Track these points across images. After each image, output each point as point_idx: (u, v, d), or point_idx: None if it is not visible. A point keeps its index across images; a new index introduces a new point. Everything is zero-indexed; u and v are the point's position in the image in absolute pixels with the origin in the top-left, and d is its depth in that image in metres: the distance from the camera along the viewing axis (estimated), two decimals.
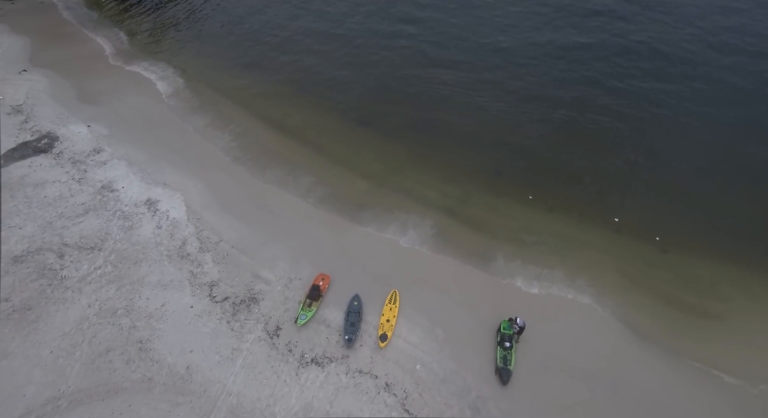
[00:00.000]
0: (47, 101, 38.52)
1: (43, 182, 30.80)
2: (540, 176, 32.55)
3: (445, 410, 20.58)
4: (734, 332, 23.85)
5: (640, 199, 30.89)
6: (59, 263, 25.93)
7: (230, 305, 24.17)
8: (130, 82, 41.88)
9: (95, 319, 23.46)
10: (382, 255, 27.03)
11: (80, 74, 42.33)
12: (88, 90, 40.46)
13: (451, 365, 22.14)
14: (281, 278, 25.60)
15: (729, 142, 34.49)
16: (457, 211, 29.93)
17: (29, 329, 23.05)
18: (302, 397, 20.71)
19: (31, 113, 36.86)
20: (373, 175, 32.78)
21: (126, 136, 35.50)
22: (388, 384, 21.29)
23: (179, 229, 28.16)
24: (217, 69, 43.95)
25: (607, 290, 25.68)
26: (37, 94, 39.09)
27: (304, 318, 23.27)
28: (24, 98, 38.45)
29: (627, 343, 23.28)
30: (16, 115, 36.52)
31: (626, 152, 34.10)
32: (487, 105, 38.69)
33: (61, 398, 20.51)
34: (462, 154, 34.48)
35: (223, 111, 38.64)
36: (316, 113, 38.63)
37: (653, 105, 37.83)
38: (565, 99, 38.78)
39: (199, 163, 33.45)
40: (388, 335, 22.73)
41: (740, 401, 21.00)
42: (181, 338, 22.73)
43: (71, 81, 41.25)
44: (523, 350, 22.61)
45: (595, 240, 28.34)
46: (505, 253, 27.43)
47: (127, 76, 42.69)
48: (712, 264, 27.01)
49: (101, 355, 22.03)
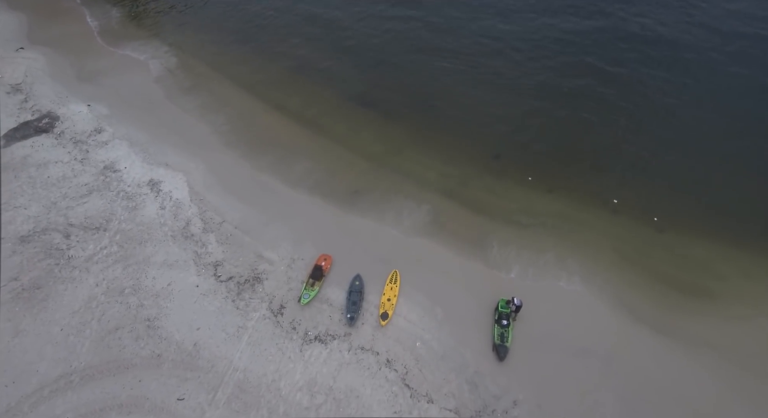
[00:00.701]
0: (46, 80, 38.32)
1: (46, 163, 30.99)
2: (539, 158, 32.86)
3: (443, 385, 21.38)
4: (727, 310, 24.59)
5: (639, 180, 31.29)
6: (66, 243, 26.37)
7: (235, 285, 24.75)
8: (129, 61, 41.52)
9: (103, 298, 24.05)
10: (382, 236, 27.53)
11: (78, 52, 41.92)
12: (86, 69, 40.19)
13: (450, 342, 22.88)
14: (284, 258, 26.13)
15: (728, 124, 34.76)
16: (456, 192, 30.31)
17: (39, 307, 23.64)
18: (306, 372, 21.47)
19: (30, 92, 36.74)
20: (373, 156, 33.00)
21: (126, 116, 35.50)
22: (389, 360, 22.04)
23: (182, 209, 28.53)
24: (217, 50, 43.47)
25: (603, 269, 26.30)
26: (35, 73, 38.86)
27: (307, 297, 23.89)
28: (23, 77, 38.25)
29: (621, 320, 24.00)
30: (16, 95, 36.41)
31: (626, 134, 34.35)
32: (488, 86, 38.68)
33: (73, 374, 21.24)
34: (462, 135, 34.68)
35: (223, 92, 38.52)
36: (316, 94, 38.56)
37: (653, 88, 37.93)
38: (565, 81, 38.79)
39: (199, 144, 33.59)
40: (389, 314, 23.40)
41: (731, 377, 21.79)
42: (187, 316, 23.37)
43: (70, 59, 40.90)
44: (519, 327, 23.33)
45: (593, 221, 28.86)
46: (504, 234, 27.93)
47: (125, 55, 42.25)
48: (708, 243, 27.63)
49: (110, 332, 22.68)
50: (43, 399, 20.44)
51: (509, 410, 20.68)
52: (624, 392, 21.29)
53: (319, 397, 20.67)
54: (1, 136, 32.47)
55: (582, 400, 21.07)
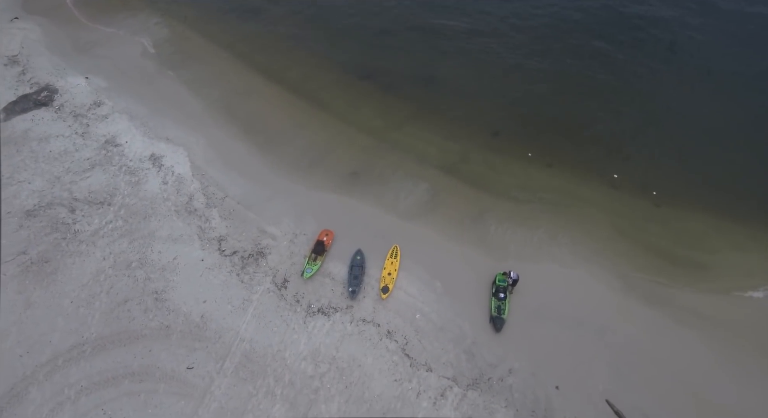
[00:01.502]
0: (43, 52, 37.87)
1: (47, 137, 31.04)
2: (539, 133, 33.12)
3: (442, 354, 22.28)
4: (719, 282, 25.41)
5: (640, 155, 31.67)
6: (71, 218, 26.77)
7: (239, 259, 25.33)
8: (126, 31, 40.96)
9: (111, 271, 24.64)
10: (383, 212, 28.00)
11: (74, 22, 41.29)
12: (83, 39, 39.67)
13: (448, 314, 23.68)
14: (287, 233, 26.64)
15: (728, 96, 34.98)
16: (456, 168, 30.65)
17: (48, 280, 24.23)
18: (310, 343, 22.31)
19: (27, 64, 36.38)
20: (373, 131, 33.13)
21: (125, 89, 35.32)
22: (389, 332, 22.87)
23: (185, 184, 28.83)
24: (216, 20, 42.87)
25: (599, 243, 26.98)
26: (31, 44, 38.36)
27: (310, 271, 24.52)
28: (19, 48, 37.78)
29: (615, 293, 24.83)
30: (13, 66, 36.07)
31: (628, 108, 34.48)
32: (488, 58, 38.50)
33: (85, 344, 22.02)
34: (462, 109, 34.77)
35: (221, 65, 38.24)
36: (315, 67, 38.33)
37: (655, 62, 37.88)
38: (567, 57, 38.68)
39: (198, 118, 33.61)
40: (389, 287, 24.10)
41: (721, 347, 22.71)
42: (194, 289, 24.03)
43: (66, 30, 40.33)
44: (516, 300, 24.11)
45: (591, 195, 29.38)
46: (503, 209, 28.43)
47: (123, 25, 41.63)
48: (703, 217, 28.30)
49: (119, 305, 23.37)
50: (57, 368, 21.26)
51: (504, 377, 21.63)
52: (616, 362, 22.23)
53: (323, 366, 21.56)
54: (1, 110, 32.35)
55: (575, 369, 22.01)
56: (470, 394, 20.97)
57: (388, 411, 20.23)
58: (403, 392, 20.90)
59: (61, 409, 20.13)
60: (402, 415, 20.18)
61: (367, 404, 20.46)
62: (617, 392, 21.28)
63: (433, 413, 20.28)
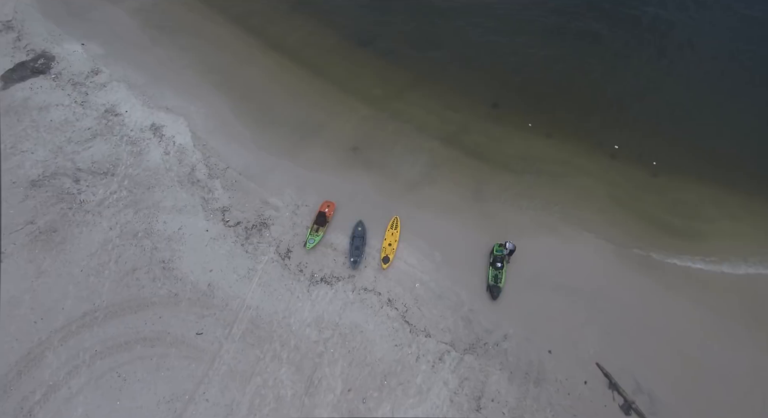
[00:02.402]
0: (37, 17, 37.07)
1: (47, 106, 30.94)
2: (540, 101, 33.21)
3: (440, 321, 23.27)
4: (711, 250, 26.22)
5: (640, 124, 31.88)
6: (76, 188, 27.12)
7: (243, 230, 25.92)
8: None
9: (118, 241, 25.24)
10: (384, 183, 28.42)
11: None
12: (76, 3, 38.71)
13: (447, 283, 24.55)
14: (289, 204, 27.12)
15: (730, 64, 35.02)
16: (456, 139, 30.87)
17: (57, 249, 24.84)
18: (314, 310, 23.22)
19: (22, 30, 35.72)
20: (373, 100, 33.09)
21: (122, 56, 34.88)
22: (390, 300, 23.76)
23: (186, 155, 29.05)
24: None
25: (595, 213, 27.67)
26: (25, 9, 37.49)
27: (312, 242, 25.17)
28: (12, 13, 36.97)
29: (608, 261, 25.72)
30: (8, 32, 35.44)
31: (630, 77, 34.49)
32: (488, 25, 38.02)
33: (97, 311, 22.87)
34: (462, 77, 34.66)
35: (217, 30, 37.58)
36: (314, 33, 37.71)
37: (658, 30, 37.54)
38: (568, 23, 38.27)
39: (197, 85, 33.43)
40: (390, 258, 24.82)
41: (712, 314, 23.76)
42: (200, 258, 24.72)
43: None
44: (512, 269, 24.93)
45: (589, 166, 29.89)
46: (501, 180, 28.92)
47: None
48: (699, 187, 28.97)
49: (128, 273, 24.10)
50: (71, 334, 22.18)
51: (500, 342, 22.70)
52: (607, 327, 23.31)
53: (327, 332, 22.54)
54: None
55: (568, 334, 23.10)
56: (467, 358, 22.06)
57: (388, 374, 21.34)
58: (403, 356, 21.97)
59: (77, 372, 21.16)
60: (402, 377, 21.30)
61: (368, 367, 21.56)
62: (607, 355, 22.44)
63: (431, 376, 21.40)
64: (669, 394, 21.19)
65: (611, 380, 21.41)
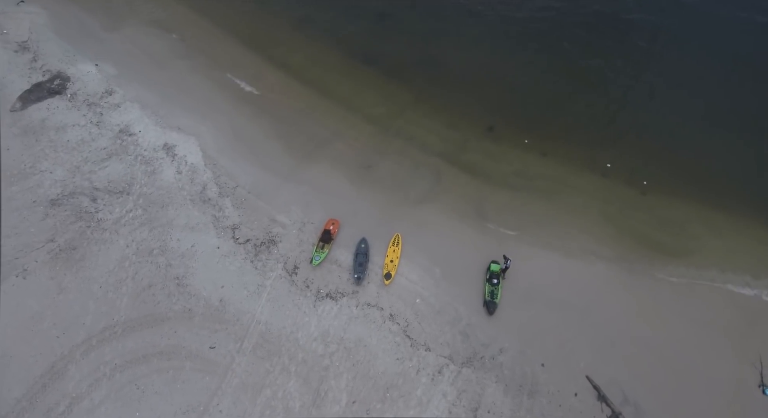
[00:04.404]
0: (51, 37, 38.55)
1: (64, 126, 32.38)
2: (536, 119, 34.63)
3: (439, 335, 24.60)
4: (696, 267, 27.53)
5: (633, 144, 33.21)
6: (93, 206, 28.53)
7: (252, 247, 27.30)
8: (131, 14, 41.44)
9: (134, 258, 26.64)
10: (386, 201, 29.82)
11: (81, 4, 41.75)
12: (89, 23, 40.24)
13: (446, 298, 25.88)
14: (295, 222, 28.50)
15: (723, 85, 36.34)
16: (455, 157, 32.29)
17: (77, 266, 26.25)
18: (320, 325, 24.59)
19: (38, 51, 37.19)
20: (376, 118, 34.54)
21: (134, 76, 36.34)
22: (392, 315, 25.11)
23: (198, 174, 30.46)
24: (221, 4, 43.12)
25: (587, 230, 28.92)
26: (39, 29, 38.97)
27: (318, 259, 26.53)
28: (28, 34, 38.44)
29: (598, 276, 27.00)
30: (24, 53, 36.90)
31: (625, 96, 35.92)
32: (487, 42, 39.69)
33: (116, 326, 24.26)
34: (461, 95, 36.03)
35: (226, 49, 39.06)
36: (319, 51, 39.17)
37: (654, 49, 38.90)
38: (565, 43, 39.58)
39: (207, 104, 34.87)
40: (392, 274, 26.18)
41: (695, 326, 25.04)
42: (212, 275, 26.11)
43: (73, 13, 40.83)
44: (508, 285, 26.25)
45: (582, 184, 31.19)
46: (498, 198, 30.30)
47: (129, 8, 42.05)
48: (686, 205, 30.24)
49: (144, 289, 25.49)
50: (92, 348, 23.56)
51: (496, 356, 24.02)
52: (597, 341, 24.58)
53: (332, 346, 23.90)
54: (17, 99, 33.52)
55: (560, 348, 24.38)
56: (465, 371, 23.40)
57: (391, 386, 22.70)
58: (405, 369, 23.32)
59: (99, 384, 22.54)
60: (403, 389, 22.65)
61: (372, 380, 22.91)
62: (597, 368, 23.70)
63: (431, 388, 22.75)
64: (654, 405, 22.48)
65: (600, 392, 22.72)
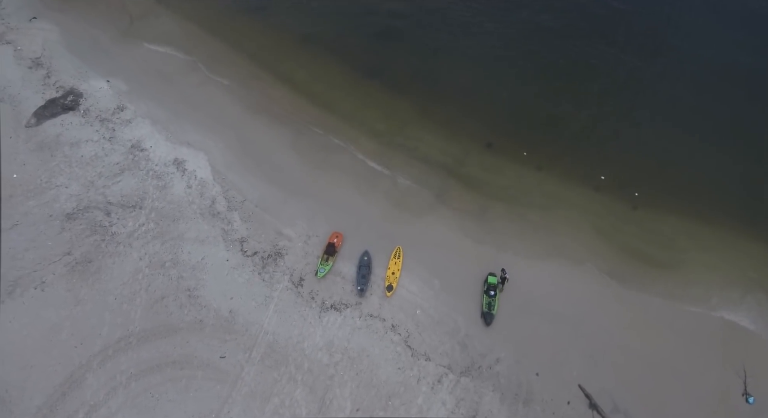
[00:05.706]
0: (63, 53, 39.86)
1: (78, 141, 33.65)
2: (533, 133, 35.85)
3: (439, 345, 25.79)
4: (685, 281, 28.73)
5: (626, 157, 34.46)
6: (108, 220, 29.78)
7: (260, 259, 28.52)
8: (141, 31, 42.75)
9: (147, 270, 27.88)
10: (387, 214, 31.06)
11: (91, 20, 43.09)
12: (100, 40, 41.55)
13: (445, 309, 27.09)
14: (301, 235, 29.73)
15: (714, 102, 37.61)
16: (454, 171, 33.55)
17: (93, 279, 27.48)
18: (325, 335, 25.79)
19: (51, 67, 38.50)
20: (378, 134, 35.81)
21: (145, 93, 37.63)
22: (393, 325, 26.31)
23: (207, 188, 31.70)
24: (227, 20, 44.40)
25: (580, 244, 30.15)
26: (52, 46, 40.29)
27: (323, 271, 27.74)
28: (41, 50, 39.77)
29: (591, 288, 28.27)
30: (38, 69, 38.21)
31: (619, 110, 37.35)
32: (487, 61, 40.78)
33: (131, 336, 25.49)
34: (461, 110, 37.30)
35: (233, 66, 40.35)
36: (322, 67, 40.41)
37: (647, 61, 39.95)
38: (562, 57, 40.83)
39: (215, 120, 36.16)
40: (393, 286, 27.39)
41: (683, 338, 26.20)
42: (221, 287, 27.33)
43: (83, 29, 42.13)
44: (505, 297, 27.44)
45: (575, 198, 32.50)
46: (495, 211, 31.58)
47: (137, 24, 43.39)
48: (675, 219, 31.49)
49: (157, 301, 26.71)
50: (108, 357, 24.78)
51: (492, 365, 25.21)
52: (589, 351, 25.77)
53: (337, 355, 25.11)
54: (32, 115, 34.81)
55: (553, 357, 25.58)
56: (463, 380, 24.59)
57: (392, 395, 23.89)
58: (406, 378, 24.51)
59: (115, 393, 23.76)
60: (405, 398, 23.84)
61: (375, 389, 24.10)
62: (589, 377, 24.91)
63: (431, 397, 23.93)
64: (642, 412, 23.67)
65: (591, 401, 23.88)
